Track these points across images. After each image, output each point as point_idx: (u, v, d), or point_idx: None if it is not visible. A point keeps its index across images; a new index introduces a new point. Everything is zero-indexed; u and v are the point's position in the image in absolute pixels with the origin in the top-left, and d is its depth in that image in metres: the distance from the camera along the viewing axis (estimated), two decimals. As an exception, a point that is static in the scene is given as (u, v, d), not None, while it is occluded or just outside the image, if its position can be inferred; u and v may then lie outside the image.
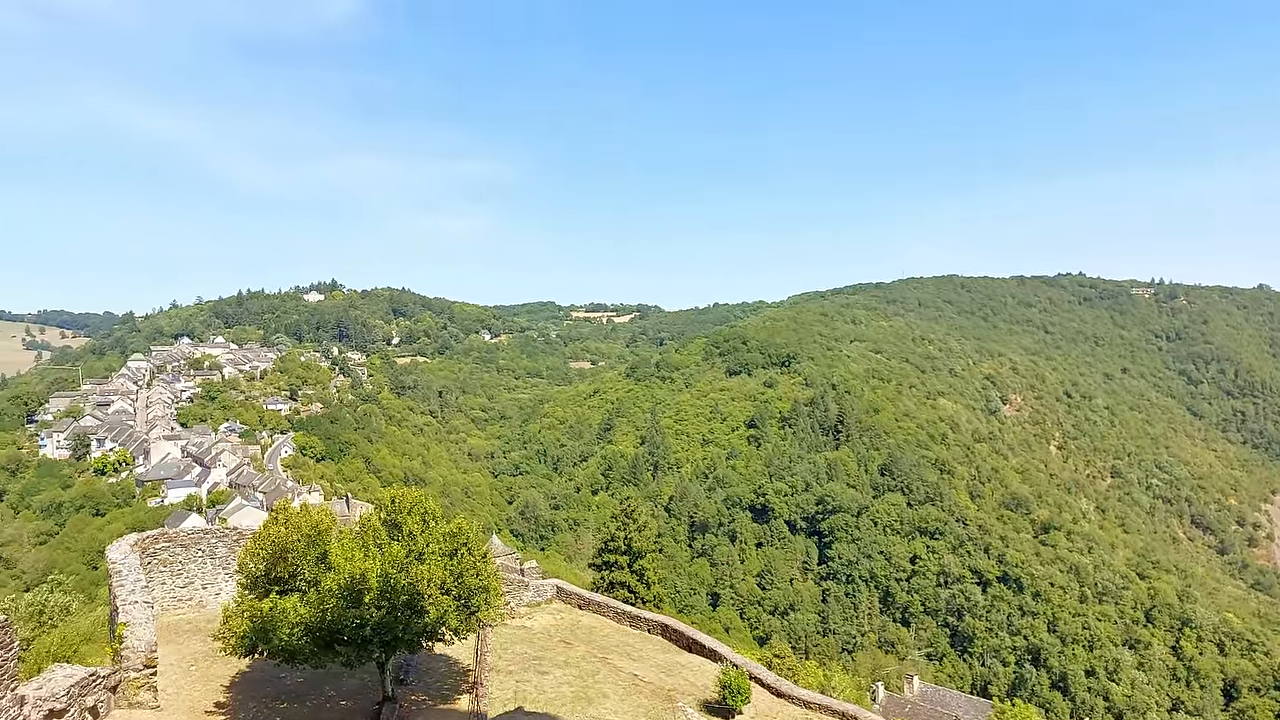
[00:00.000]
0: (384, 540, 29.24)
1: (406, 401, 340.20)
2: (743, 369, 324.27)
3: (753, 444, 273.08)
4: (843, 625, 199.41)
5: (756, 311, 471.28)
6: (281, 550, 28.09)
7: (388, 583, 27.04)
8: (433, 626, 28.25)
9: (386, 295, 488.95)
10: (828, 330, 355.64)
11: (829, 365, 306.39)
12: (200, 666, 32.07)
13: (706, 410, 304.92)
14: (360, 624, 26.35)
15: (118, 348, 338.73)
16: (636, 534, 71.46)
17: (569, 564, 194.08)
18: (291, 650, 26.65)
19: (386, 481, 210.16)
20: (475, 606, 29.61)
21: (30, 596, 42.60)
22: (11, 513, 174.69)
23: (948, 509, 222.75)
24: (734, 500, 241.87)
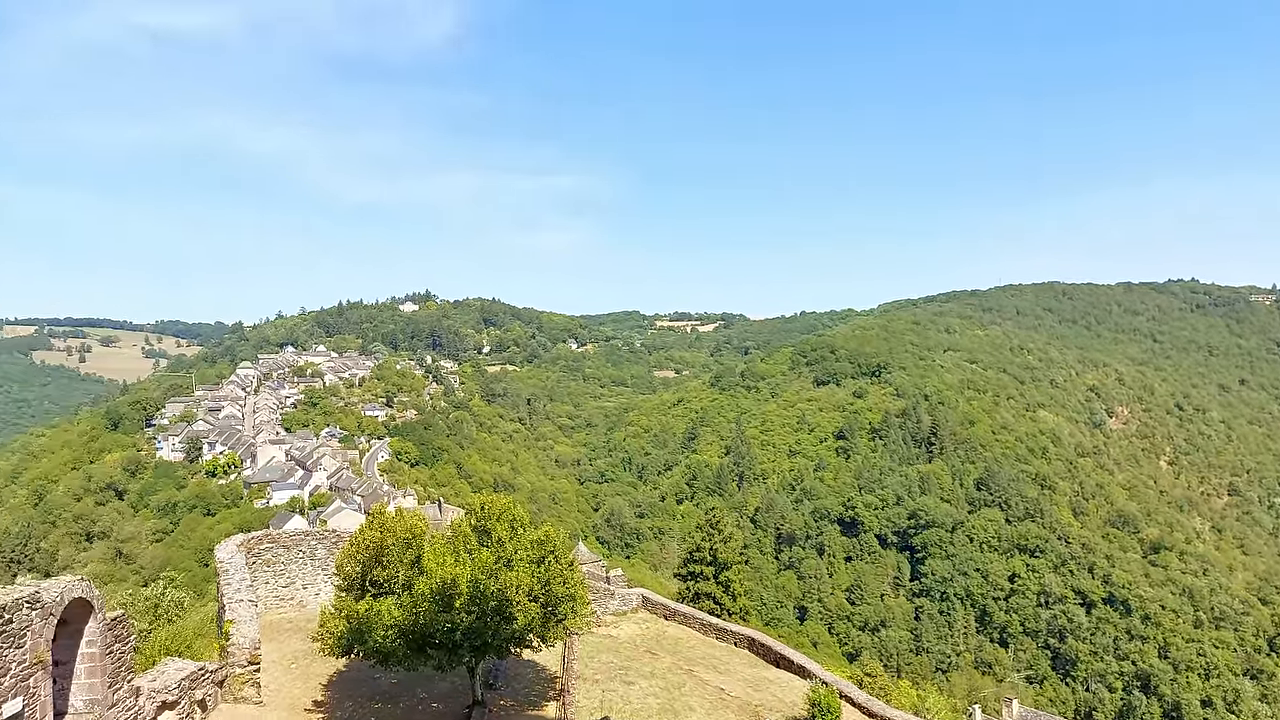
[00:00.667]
0: (474, 546, 29.77)
1: (496, 409, 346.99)
2: (831, 379, 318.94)
3: (841, 456, 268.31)
4: (937, 644, 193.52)
5: (845, 320, 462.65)
6: (377, 554, 28.94)
7: (477, 588, 27.50)
8: (521, 633, 28.57)
9: (478, 305, 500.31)
10: (920, 339, 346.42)
11: (921, 375, 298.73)
12: (300, 664, 33.30)
13: (793, 420, 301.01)
14: (451, 628, 26.87)
15: (228, 356, 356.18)
16: (722, 545, 70.93)
17: (654, 573, 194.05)
18: (385, 652, 27.38)
19: (477, 487, 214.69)
20: (562, 614, 29.83)
21: (147, 591, 44.92)
22: (131, 511, 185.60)
23: (1049, 526, 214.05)
24: (822, 513, 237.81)
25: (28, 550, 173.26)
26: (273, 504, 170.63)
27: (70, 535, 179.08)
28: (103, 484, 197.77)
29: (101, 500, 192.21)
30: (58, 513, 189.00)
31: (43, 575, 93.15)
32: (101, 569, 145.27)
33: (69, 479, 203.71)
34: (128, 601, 42.80)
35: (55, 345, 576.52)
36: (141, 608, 42.54)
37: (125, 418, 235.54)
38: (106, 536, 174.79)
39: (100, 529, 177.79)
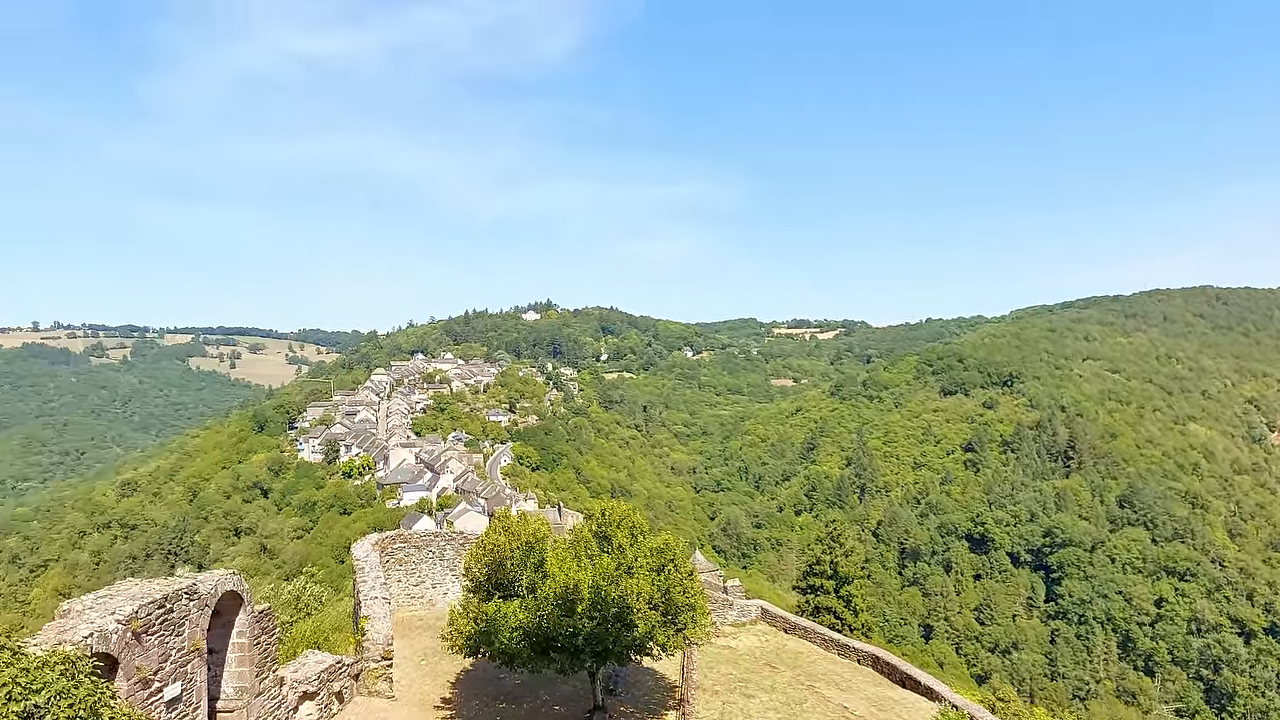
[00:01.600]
0: (595, 552, 30.06)
1: (614, 415, 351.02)
2: (959, 388, 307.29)
3: (970, 469, 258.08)
4: (1074, 670, 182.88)
5: (974, 327, 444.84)
6: (502, 557, 29.64)
7: (599, 594, 27.74)
8: (641, 640, 28.63)
9: (596, 314, 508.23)
10: (1056, 347, 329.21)
11: (1057, 385, 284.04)
12: (430, 661, 34.49)
13: (918, 432, 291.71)
14: (573, 633, 27.20)
15: (363, 363, 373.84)
16: (843, 558, 69.21)
17: (772, 584, 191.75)
18: (510, 653, 27.96)
19: (595, 492, 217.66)
20: (682, 623, 29.72)
21: (289, 586, 47.61)
22: (275, 509, 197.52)
23: (1201, 548, 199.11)
24: (949, 528, 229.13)
25: (183, 543, 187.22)
26: (403, 505, 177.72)
27: (220, 530, 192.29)
28: (250, 483, 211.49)
29: (248, 498, 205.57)
30: (210, 509, 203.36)
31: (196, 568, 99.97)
32: (248, 563, 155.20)
33: (220, 478, 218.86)
34: (271, 595, 45.46)
35: (209, 352, 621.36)
36: (284, 601, 45.12)
37: (270, 421, 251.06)
38: (252, 532, 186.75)
39: (247, 525, 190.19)
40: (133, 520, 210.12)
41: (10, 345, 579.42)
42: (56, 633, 15.72)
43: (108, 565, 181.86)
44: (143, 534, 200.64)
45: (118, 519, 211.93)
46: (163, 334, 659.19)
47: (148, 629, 17.69)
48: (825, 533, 73.87)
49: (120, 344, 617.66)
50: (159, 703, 18.06)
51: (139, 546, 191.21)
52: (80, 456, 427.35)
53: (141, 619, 17.47)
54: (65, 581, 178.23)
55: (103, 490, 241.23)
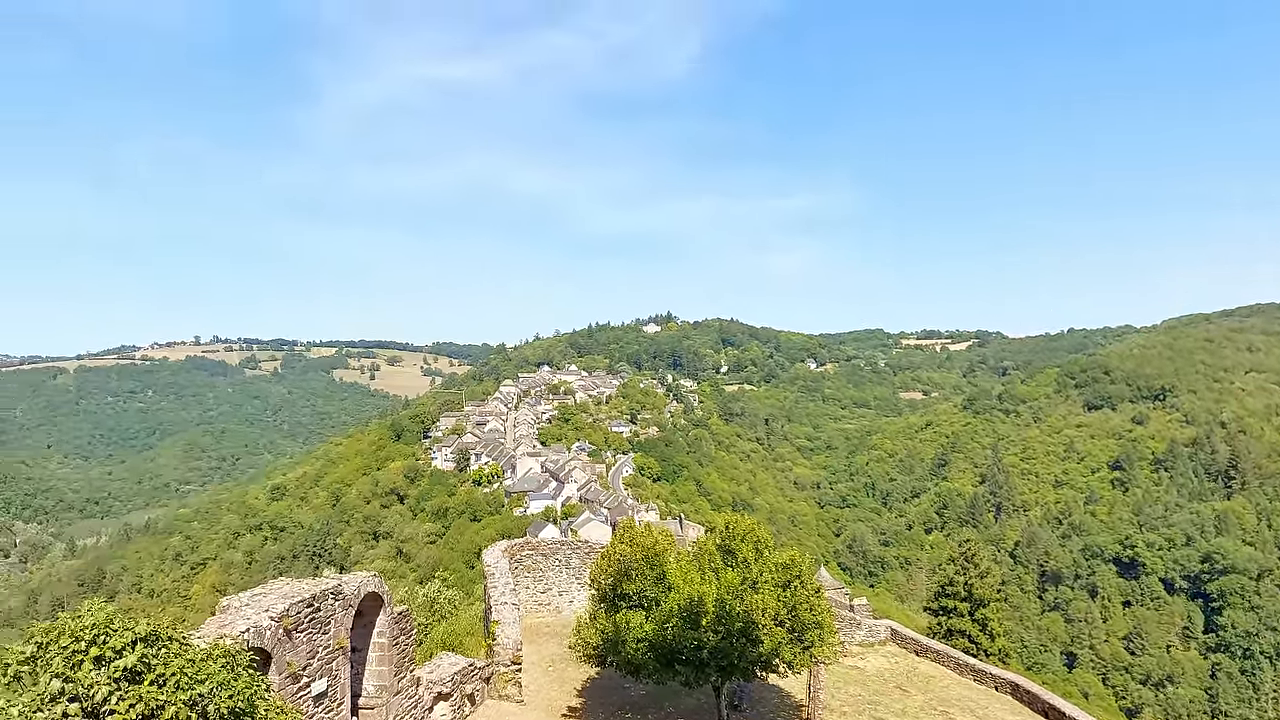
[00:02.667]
0: (719, 566, 29.87)
1: (734, 428, 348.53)
2: (1104, 403, 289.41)
3: (1117, 488, 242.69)
4: (1238, 708, 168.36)
5: (1121, 338, 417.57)
6: (626, 567, 29.85)
7: (723, 608, 27.54)
8: (767, 657, 28.24)
9: (716, 326, 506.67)
10: (1214, 359, 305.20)
11: (1216, 399, 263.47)
12: (557, 668, 35.07)
13: (1059, 448, 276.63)
14: (698, 646, 27.08)
15: (492, 374, 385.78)
16: (977, 580, 66.18)
17: (900, 605, 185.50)
18: (636, 664, 28.09)
19: (716, 505, 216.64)
20: (809, 641, 29.13)
21: (424, 589, 49.51)
22: (410, 514, 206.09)
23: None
24: (1094, 550, 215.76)
25: (326, 545, 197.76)
26: (529, 513, 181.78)
27: (360, 534, 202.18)
28: (387, 489, 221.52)
29: (386, 503, 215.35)
30: (351, 513, 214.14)
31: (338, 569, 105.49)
32: (385, 566, 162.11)
33: (360, 483, 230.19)
34: (407, 597, 47.41)
35: (351, 365, 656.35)
36: (419, 604, 46.96)
37: (406, 430, 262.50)
38: (389, 536, 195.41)
39: (384, 529, 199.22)
40: (281, 523, 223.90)
41: (175, 358, 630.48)
42: (217, 627, 16.79)
43: (258, 565, 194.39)
44: (290, 535, 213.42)
45: (268, 521, 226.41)
46: (309, 347, 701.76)
47: (298, 626, 18.70)
48: (958, 552, 70.90)
49: (272, 356, 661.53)
50: (306, 698, 19.05)
51: (287, 547, 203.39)
52: (235, 462, 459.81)
53: (292, 616, 18.48)
54: (221, 579, 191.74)
55: (255, 494, 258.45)
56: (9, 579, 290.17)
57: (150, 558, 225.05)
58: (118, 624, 11.60)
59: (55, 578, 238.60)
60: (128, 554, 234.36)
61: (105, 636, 11.38)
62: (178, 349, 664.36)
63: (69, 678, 10.99)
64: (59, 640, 11.31)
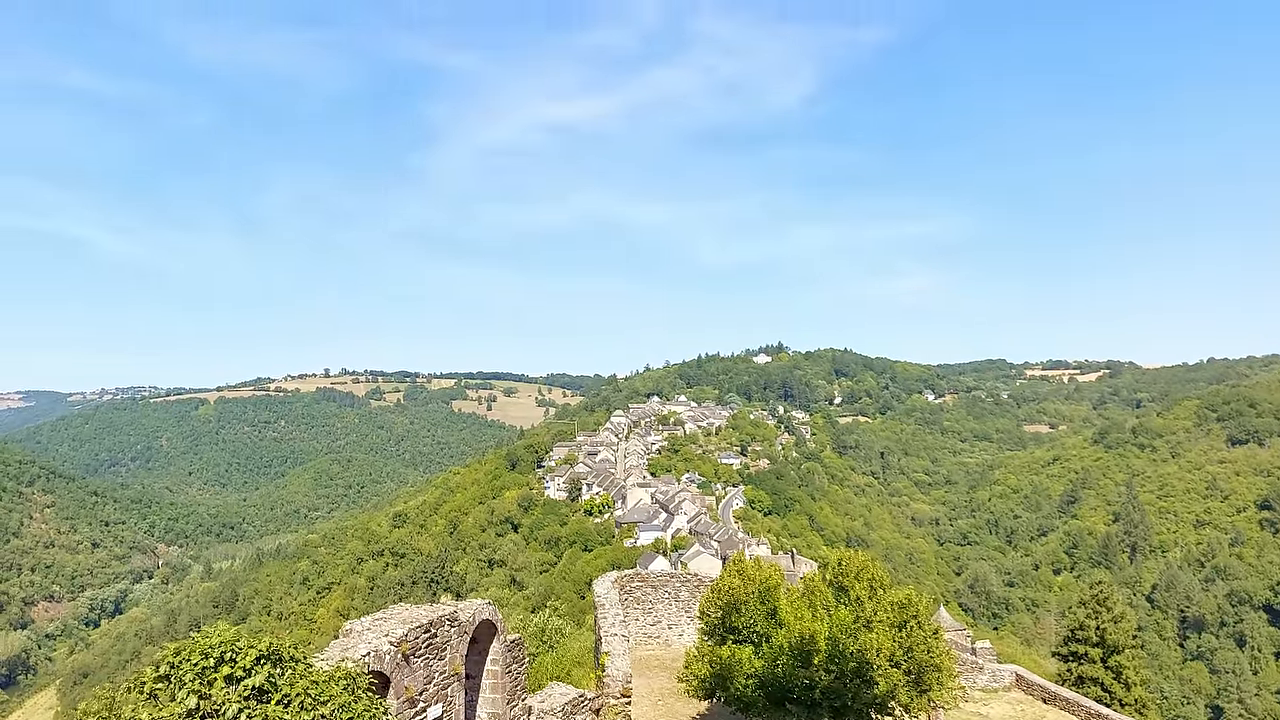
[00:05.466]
0: (831, 603, 29.17)
1: (848, 461, 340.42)
2: (1251, 437, 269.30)
3: (1267, 529, 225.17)
4: None
5: (1269, 368, 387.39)
6: (736, 602, 29.51)
7: (836, 647, 26.85)
8: (882, 699, 27.32)
9: (829, 356, 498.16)
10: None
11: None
12: (665, 702, 34.82)
13: (1200, 485, 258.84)
14: (810, 685, 26.47)
15: (604, 405, 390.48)
16: (1111, 624, 62.07)
17: (1026, 649, 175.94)
18: (745, 701, 27.64)
19: (829, 540, 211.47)
20: (927, 684, 28.03)
21: (536, 618, 50.19)
22: (524, 542, 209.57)
23: None
24: (1241, 596, 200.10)
25: (444, 572, 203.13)
26: (639, 544, 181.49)
27: (476, 561, 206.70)
28: (502, 517, 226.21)
29: (500, 532, 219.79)
30: (467, 540, 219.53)
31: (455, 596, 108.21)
32: (499, 594, 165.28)
33: (476, 512, 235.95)
34: (520, 626, 48.16)
35: (469, 396, 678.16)
36: (531, 632, 47.63)
37: (521, 460, 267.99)
38: (504, 565, 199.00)
39: (499, 557, 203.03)
40: (402, 549, 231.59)
41: (307, 389, 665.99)
42: (339, 650, 17.48)
43: (380, 590, 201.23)
44: (410, 562, 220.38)
45: (389, 547, 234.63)
46: (430, 379, 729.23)
47: (415, 651, 19.29)
48: (1090, 594, 66.69)
49: (395, 388, 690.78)
50: (423, 721, 19.56)
51: (406, 574, 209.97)
52: (360, 490, 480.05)
53: (410, 641, 19.08)
54: (344, 603, 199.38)
55: (378, 521, 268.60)
56: (152, 599, 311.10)
57: (280, 581, 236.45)
58: (244, 643, 12.21)
59: (193, 599, 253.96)
60: (259, 577, 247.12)
61: (233, 655, 11.97)
62: (309, 380, 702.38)
63: (203, 694, 11.61)
64: (191, 658, 11.89)
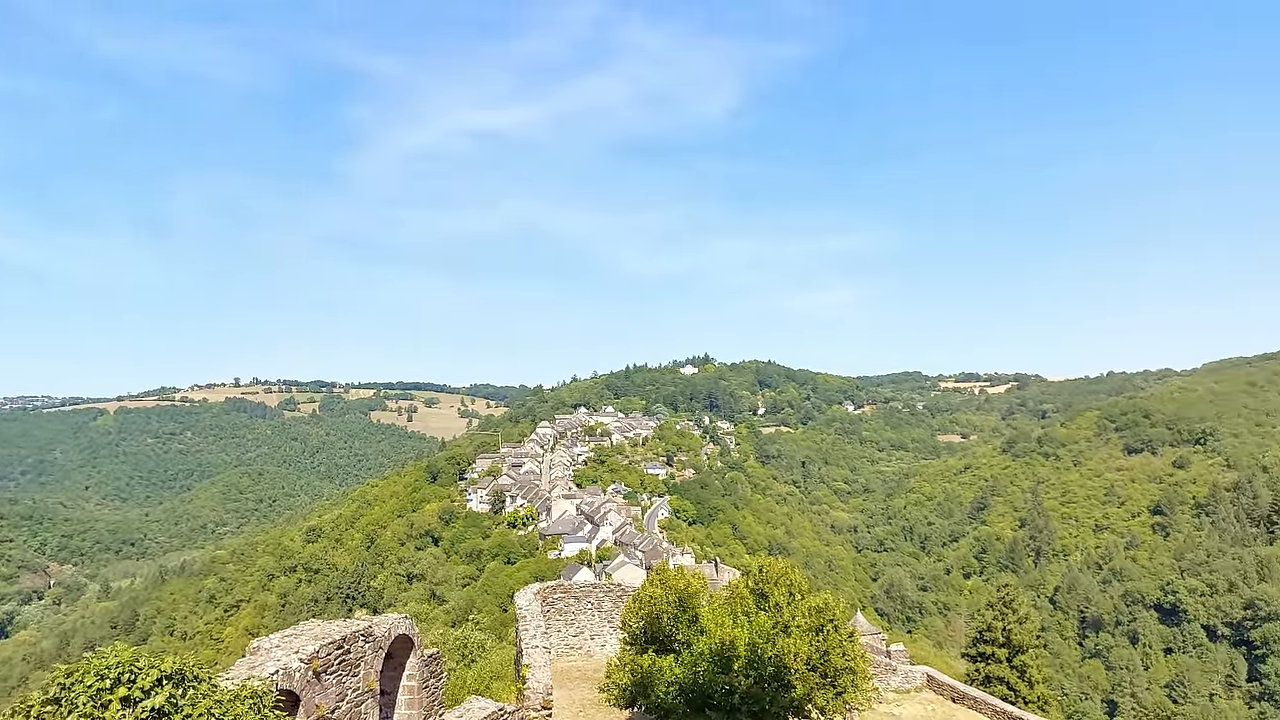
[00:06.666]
0: (751, 609, 29.59)
1: (770, 470, 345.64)
2: (1145, 446, 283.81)
3: (1159, 533, 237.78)
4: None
5: (1162, 381, 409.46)
6: (658, 611, 29.65)
7: (755, 652, 27.25)
8: (799, 702, 27.84)
9: (753, 368, 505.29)
10: (1257, 402, 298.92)
11: (1259, 443, 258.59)
12: (587, 713, 34.65)
13: (1100, 492, 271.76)
14: (730, 690, 26.77)
15: (529, 416, 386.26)
16: (1016, 626, 64.72)
17: (938, 651, 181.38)
18: (666, 708, 27.78)
19: (752, 548, 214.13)
20: (842, 687, 28.70)
21: (456, 632, 49.36)
22: (444, 556, 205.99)
23: None
24: (1135, 596, 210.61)
25: (360, 587, 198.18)
26: (564, 555, 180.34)
27: (394, 576, 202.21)
28: (422, 530, 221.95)
29: (420, 545, 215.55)
30: (385, 555, 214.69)
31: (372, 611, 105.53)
32: (418, 608, 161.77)
33: (395, 525, 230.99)
34: (439, 640, 47.31)
35: (388, 406, 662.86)
36: (450, 647, 46.82)
37: (442, 472, 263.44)
38: (423, 579, 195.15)
39: (419, 571, 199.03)
40: (316, 564, 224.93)
41: (215, 400, 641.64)
42: (246, 668, 16.90)
43: (292, 607, 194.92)
44: (325, 578, 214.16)
45: (303, 563, 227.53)
46: (348, 389, 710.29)
47: (327, 668, 18.77)
48: (997, 597, 69.37)
49: (311, 398, 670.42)
50: (336, 738, 19.03)
51: (321, 590, 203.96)
52: (272, 504, 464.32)
53: (322, 658, 18.57)
54: (254, 621, 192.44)
55: (291, 536, 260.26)
56: (43, 620, 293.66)
57: (185, 600, 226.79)
58: (144, 663, 11.63)
59: (88, 620, 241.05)
60: (162, 596, 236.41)
61: (131, 676, 11.38)
62: (218, 390, 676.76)
63: (96, 718, 11.02)
64: (84, 680, 11.25)
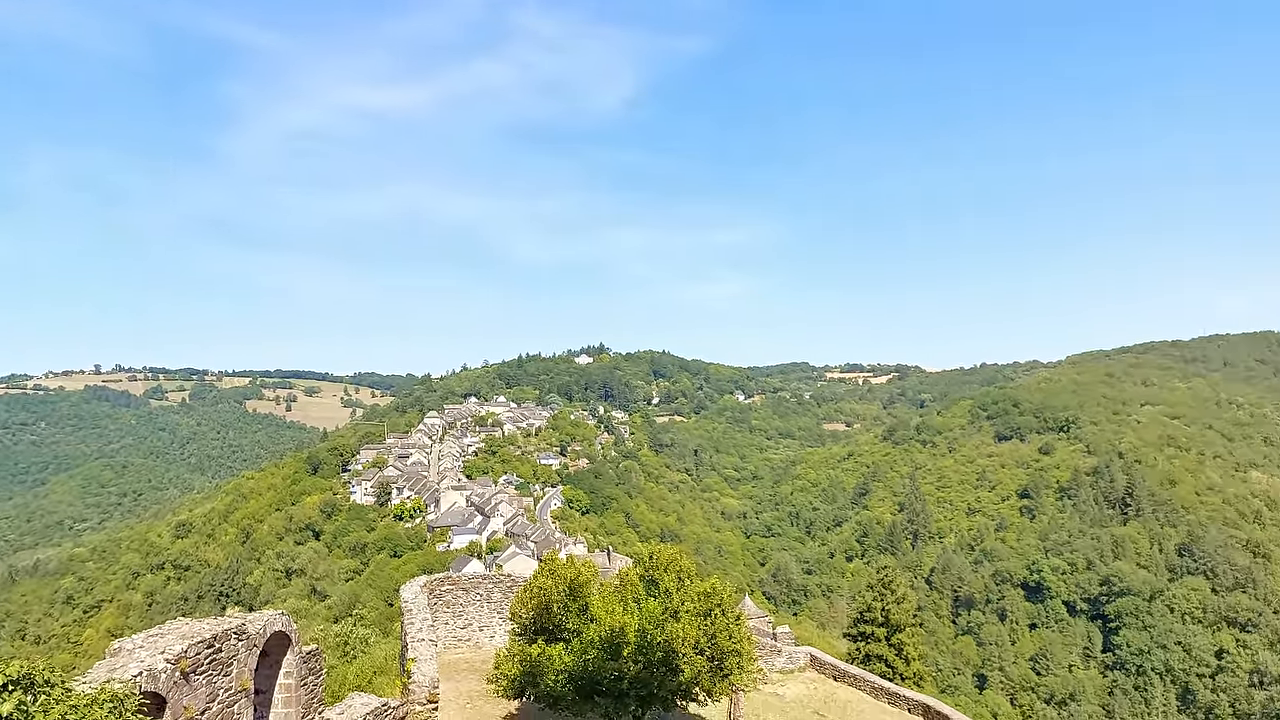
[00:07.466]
0: (642, 596, 29.83)
1: (664, 459, 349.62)
2: (1014, 434, 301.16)
3: (1025, 515, 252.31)
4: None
5: (1030, 372, 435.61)
6: (548, 600, 29.53)
7: (644, 638, 27.48)
8: (687, 685, 28.25)
9: (647, 358, 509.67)
10: (1114, 392, 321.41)
11: (1115, 431, 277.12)
12: (475, 705, 34.23)
13: (972, 477, 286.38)
14: (618, 677, 26.93)
15: (416, 406, 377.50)
16: (894, 606, 67.70)
17: (822, 631, 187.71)
18: (555, 696, 27.73)
19: (645, 536, 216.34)
20: (728, 669, 29.27)
21: (338, 628, 47.89)
22: (326, 550, 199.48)
23: (1263, 598, 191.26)
24: (1003, 575, 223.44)
25: (235, 584, 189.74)
26: (453, 548, 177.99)
27: (272, 572, 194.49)
28: (302, 524, 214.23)
29: (300, 540, 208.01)
30: (262, 550, 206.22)
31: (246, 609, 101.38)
32: (298, 605, 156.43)
33: (273, 519, 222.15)
34: (320, 636, 45.80)
35: (266, 395, 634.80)
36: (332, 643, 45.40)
37: (324, 463, 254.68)
38: (303, 574, 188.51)
39: (298, 566, 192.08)
40: (186, 561, 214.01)
41: (73, 388, 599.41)
42: (106, 671, 15.88)
43: (160, 606, 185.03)
44: (196, 575, 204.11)
45: (171, 560, 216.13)
46: (221, 377, 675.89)
47: (196, 668, 17.83)
48: (877, 579, 72.36)
49: (180, 387, 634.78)
50: (206, 741, 18.12)
51: (191, 588, 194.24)
52: (138, 498, 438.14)
53: (190, 658, 17.62)
54: (118, 622, 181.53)
55: (158, 531, 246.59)
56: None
57: (38, 601, 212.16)
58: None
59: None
60: (12, 597, 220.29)
61: (-26, 683, 10.59)
62: (76, 378, 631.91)
63: (-64, 729, 10.20)
64: None
